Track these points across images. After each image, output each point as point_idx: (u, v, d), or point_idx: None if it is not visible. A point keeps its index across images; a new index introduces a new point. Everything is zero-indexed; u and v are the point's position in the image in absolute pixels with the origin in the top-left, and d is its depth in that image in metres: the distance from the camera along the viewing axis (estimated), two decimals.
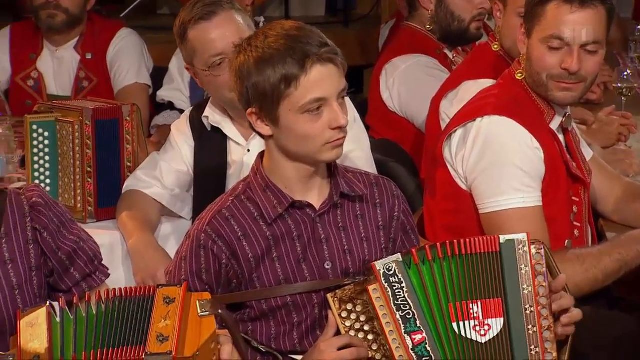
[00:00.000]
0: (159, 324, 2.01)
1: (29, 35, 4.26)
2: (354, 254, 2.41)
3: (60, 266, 2.19)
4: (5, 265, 2.13)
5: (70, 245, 2.19)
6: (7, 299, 2.12)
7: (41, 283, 2.17)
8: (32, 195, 2.18)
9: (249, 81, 2.31)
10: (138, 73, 4.22)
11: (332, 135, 2.32)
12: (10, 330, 2.10)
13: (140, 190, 3.01)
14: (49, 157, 3.02)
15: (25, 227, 2.16)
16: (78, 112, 3.00)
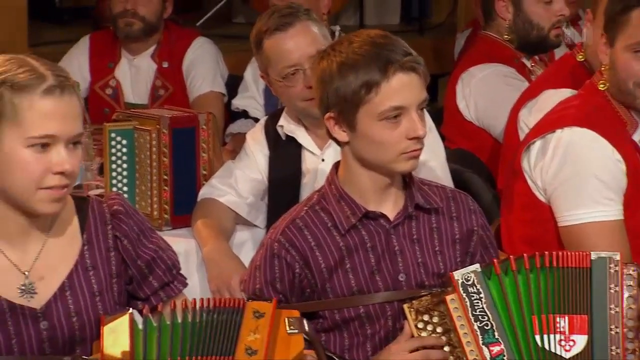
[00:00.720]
0: (248, 337, 2.02)
1: (107, 44, 4.32)
2: (427, 267, 2.39)
3: (139, 274, 2.20)
4: (87, 272, 2.15)
5: (150, 254, 2.20)
6: (88, 305, 2.13)
7: (121, 290, 2.19)
8: (113, 203, 2.20)
9: (331, 86, 2.32)
10: (213, 81, 4.25)
11: (408, 145, 2.31)
12: (91, 336, 2.11)
13: (215, 198, 3.02)
14: (127, 164, 3.05)
15: (107, 234, 2.18)
16: (155, 121, 3.03)
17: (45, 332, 2.09)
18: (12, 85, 2.00)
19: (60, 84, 2.03)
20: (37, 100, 2.01)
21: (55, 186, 2.04)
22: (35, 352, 2.09)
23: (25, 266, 2.11)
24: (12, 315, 2.07)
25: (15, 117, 2.00)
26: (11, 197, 2.05)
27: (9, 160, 2.02)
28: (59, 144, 2.03)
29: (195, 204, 3.05)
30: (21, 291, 2.10)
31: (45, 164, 2.03)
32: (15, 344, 2.07)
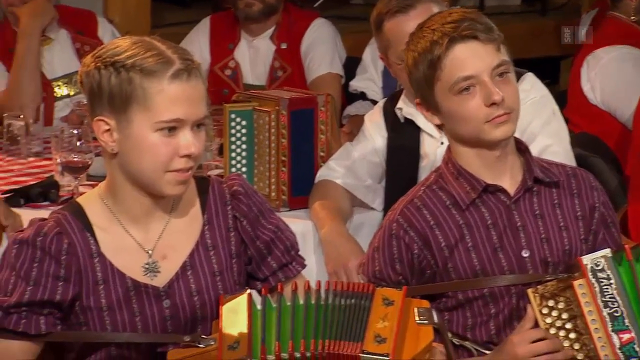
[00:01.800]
0: (377, 324, 1.98)
1: (227, 26, 4.35)
2: (551, 243, 2.33)
3: (258, 255, 2.20)
4: (208, 251, 2.16)
5: (268, 235, 2.20)
6: (209, 284, 2.14)
7: (240, 270, 2.20)
8: (233, 184, 2.21)
9: (411, 75, 2.34)
10: (331, 63, 4.24)
11: (489, 112, 2.28)
12: (211, 315, 2.12)
13: (332, 180, 3.01)
14: (246, 145, 3.06)
15: (227, 215, 2.18)
16: (274, 102, 3.03)
17: (167, 311, 2.12)
18: (141, 70, 2.01)
19: (186, 67, 2.03)
20: (166, 85, 2.02)
21: (182, 169, 2.06)
22: (158, 330, 2.11)
23: (149, 245, 2.13)
24: (136, 294, 2.10)
25: (144, 102, 2.02)
26: (139, 179, 2.08)
27: (138, 143, 2.04)
28: (185, 127, 2.05)
29: (312, 186, 3.04)
30: (145, 270, 2.12)
31: (172, 147, 2.04)
32: (139, 322, 2.10)
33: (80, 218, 2.10)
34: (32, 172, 3.41)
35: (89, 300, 2.08)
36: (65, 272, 2.06)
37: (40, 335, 2.07)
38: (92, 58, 2.06)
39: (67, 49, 4.14)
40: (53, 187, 3.13)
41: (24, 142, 3.50)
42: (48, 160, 3.48)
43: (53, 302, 2.06)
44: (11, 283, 2.06)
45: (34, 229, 2.07)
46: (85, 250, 2.08)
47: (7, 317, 2.05)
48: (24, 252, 2.06)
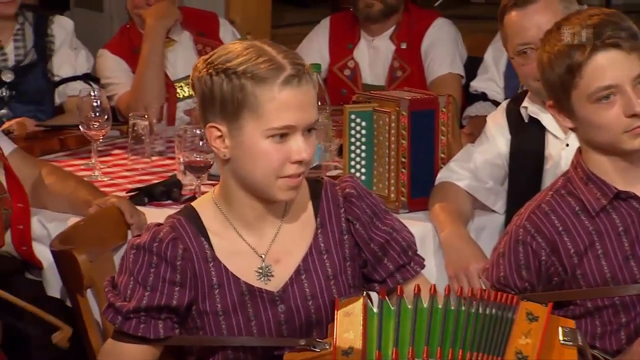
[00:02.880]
0: (520, 339, 1.91)
1: (347, 26, 4.34)
2: None
3: (373, 257, 2.18)
4: (321, 255, 2.15)
5: (383, 236, 2.18)
6: (323, 288, 2.14)
7: (355, 273, 2.18)
8: (345, 186, 2.19)
9: (543, 75, 2.29)
10: (452, 63, 4.19)
11: (629, 123, 2.21)
12: (326, 318, 2.12)
13: (453, 182, 2.97)
14: (365, 146, 3.05)
15: (340, 218, 2.17)
16: (395, 103, 3.00)
17: (282, 315, 2.12)
18: (252, 77, 2.01)
19: (297, 72, 2.03)
20: (277, 91, 2.01)
21: (293, 174, 2.06)
22: (273, 334, 2.11)
23: (262, 249, 2.14)
24: (251, 298, 2.11)
25: (256, 109, 2.02)
26: (251, 185, 2.08)
27: (249, 150, 2.04)
28: (296, 133, 2.04)
29: (432, 187, 3.01)
30: (258, 274, 2.13)
31: (284, 153, 2.04)
32: (254, 326, 2.11)
33: (195, 223, 2.11)
34: (155, 171, 3.46)
35: (205, 305, 2.10)
36: (181, 277, 2.08)
37: (158, 340, 2.10)
38: (204, 64, 2.06)
39: (189, 51, 4.20)
40: (176, 186, 3.17)
41: (148, 141, 3.55)
42: (170, 160, 3.53)
43: (170, 307, 2.08)
44: (129, 288, 2.09)
45: (150, 234, 2.09)
46: (200, 255, 2.10)
47: (127, 321, 2.08)
48: (141, 257, 2.08)
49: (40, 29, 4.00)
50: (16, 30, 3.97)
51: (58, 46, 4.02)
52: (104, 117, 3.38)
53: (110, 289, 2.12)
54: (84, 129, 3.38)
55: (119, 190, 3.21)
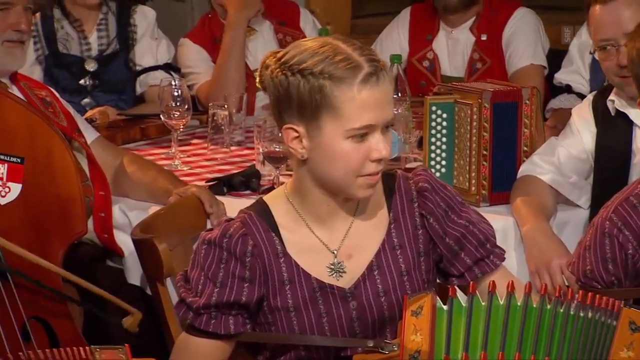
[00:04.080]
0: (621, 352, 1.72)
1: (426, 17, 4.30)
2: None
3: (448, 252, 2.14)
4: (394, 250, 2.12)
5: (459, 230, 2.14)
6: (396, 284, 2.11)
7: (429, 268, 2.15)
8: (419, 180, 2.15)
9: (634, 71, 2.27)
10: (534, 54, 4.13)
11: None
12: (399, 315, 2.07)
13: (536, 176, 2.92)
14: (446, 138, 3.01)
15: (413, 212, 2.14)
16: (477, 95, 2.96)
17: (354, 312, 2.09)
18: (330, 77, 1.98)
19: (375, 70, 1.99)
20: (356, 91, 1.98)
21: (373, 172, 2.03)
22: (345, 331, 2.09)
23: (334, 245, 2.11)
24: (322, 294, 2.08)
25: (335, 110, 1.99)
26: (329, 184, 2.06)
27: (328, 151, 2.01)
28: (375, 131, 2.02)
29: (514, 181, 2.96)
30: (330, 270, 2.10)
31: (364, 152, 2.02)
32: (326, 323, 2.08)
33: (265, 218, 2.10)
34: (234, 160, 3.47)
35: (276, 301, 2.08)
36: (250, 274, 2.07)
37: (229, 336, 2.09)
38: (278, 64, 2.03)
39: (270, 40, 4.20)
40: (254, 176, 3.17)
41: (227, 131, 3.56)
42: (249, 150, 3.54)
43: (240, 303, 2.07)
44: (200, 283, 2.08)
45: (221, 229, 2.08)
46: (270, 250, 2.08)
47: (198, 317, 2.08)
48: (212, 252, 2.08)
49: (123, 19, 4.03)
50: (100, 20, 4.01)
51: (140, 36, 4.05)
52: (184, 106, 3.39)
53: (182, 283, 2.12)
54: (164, 118, 3.40)
55: (198, 180, 3.23)
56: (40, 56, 3.93)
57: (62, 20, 3.98)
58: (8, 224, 2.55)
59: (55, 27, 3.96)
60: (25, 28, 2.97)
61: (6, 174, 2.59)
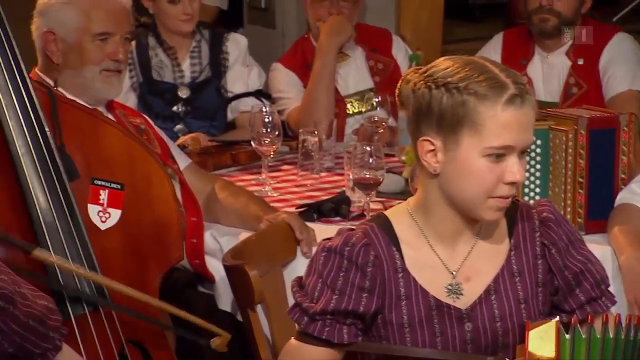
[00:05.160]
0: None
1: (520, 41, 4.24)
2: None
3: (565, 285, 2.12)
4: (513, 277, 2.10)
5: (578, 266, 2.11)
6: (513, 311, 2.09)
7: (545, 300, 2.12)
8: (542, 210, 2.14)
9: None
10: (633, 80, 4.03)
11: None
12: (514, 343, 2.06)
13: (634, 204, 2.86)
14: (541, 165, 2.96)
15: (535, 241, 2.12)
16: (573, 121, 2.91)
17: (469, 334, 2.07)
18: (475, 93, 1.97)
19: (520, 92, 1.99)
20: (499, 110, 1.98)
21: (504, 195, 2.02)
22: (457, 351, 2.07)
23: (454, 266, 2.10)
24: (438, 314, 2.07)
25: (475, 126, 1.98)
26: (457, 202, 2.05)
27: (463, 167, 2.01)
28: (513, 154, 2.00)
29: (611, 209, 2.90)
30: (448, 291, 2.09)
31: (498, 173, 2.00)
32: (439, 342, 2.07)
33: (387, 232, 2.09)
34: (324, 187, 3.46)
35: (391, 315, 2.07)
36: (370, 284, 2.05)
37: (342, 345, 2.07)
38: (420, 76, 2.04)
39: (361, 66, 4.19)
40: (344, 202, 3.16)
41: (317, 157, 3.56)
42: (339, 176, 3.53)
43: (356, 313, 2.06)
44: (317, 290, 2.07)
45: (343, 238, 2.08)
46: (390, 264, 2.07)
47: (312, 323, 2.07)
48: (331, 260, 2.07)
49: (215, 46, 4.07)
50: (192, 47, 4.06)
51: (232, 63, 4.09)
52: (274, 132, 3.40)
53: (297, 289, 2.11)
54: (255, 145, 3.41)
55: (288, 206, 3.23)
56: (135, 83, 3.98)
57: (157, 48, 4.03)
58: (108, 248, 2.58)
59: (149, 55, 4.01)
60: (123, 58, 3.02)
61: (107, 200, 2.62)
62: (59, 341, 1.81)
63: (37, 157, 2.46)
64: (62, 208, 2.47)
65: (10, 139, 2.45)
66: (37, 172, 2.46)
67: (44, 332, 1.78)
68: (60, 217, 2.47)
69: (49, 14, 3.00)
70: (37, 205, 2.45)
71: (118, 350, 2.51)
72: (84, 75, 2.98)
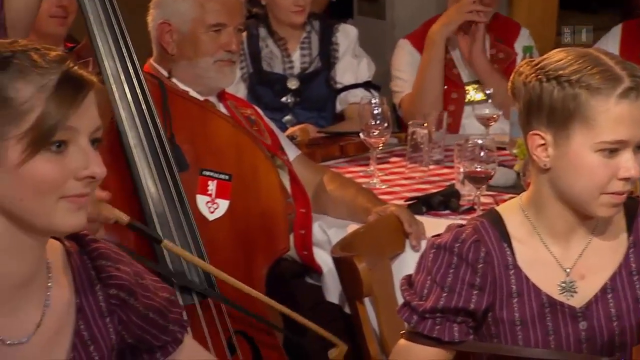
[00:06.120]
0: None
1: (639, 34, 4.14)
2: None
3: None
4: (631, 276, 2.04)
5: None
6: (630, 310, 2.03)
7: None
8: None
9: None
10: None
11: None
12: (631, 342, 2.02)
13: None
14: None
15: None
16: None
17: (583, 333, 2.03)
18: (587, 87, 1.92)
19: (636, 86, 1.92)
20: (613, 104, 1.92)
21: (619, 192, 1.96)
22: (572, 350, 2.03)
23: (568, 263, 2.05)
24: (551, 311, 2.03)
25: (587, 120, 1.93)
26: (569, 197, 2.00)
27: (574, 162, 1.96)
28: (627, 149, 1.94)
29: None
30: (561, 288, 2.04)
31: (611, 169, 1.95)
32: (552, 341, 2.03)
33: (498, 228, 2.05)
34: (432, 180, 3.43)
35: (502, 313, 2.03)
36: (481, 281, 2.02)
37: (452, 343, 2.05)
38: (532, 69, 1.99)
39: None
40: (454, 196, 3.12)
41: (426, 149, 3.52)
42: (448, 169, 3.49)
43: (467, 311, 2.03)
44: (427, 287, 2.05)
45: (452, 234, 2.05)
46: (501, 261, 2.03)
47: (422, 321, 2.05)
48: (441, 257, 2.04)
49: (325, 37, 4.07)
50: (303, 38, 4.06)
51: (341, 54, 4.07)
52: (384, 124, 3.38)
53: (406, 287, 2.09)
54: (363, 136, 3.40)
55: (396, 199, 3.20)
56: (245, 74, 4.01)
57: (267, 39, 4.05)
58: (216, 239, 2.60)
59: (260, 46, 4.03)
60: (236, 48, 3.06)
61: (215, 191, 2.64)
62: (180, 334, 1.83)
63: (148, 148, 2.49)
64: (172, 198, 2.50)
65: (122, 130, 2.48)
66: (148, 163, 2.49)
67: (164, 324, 1.79)
68: (171, 207, 2.50)
69: (165, 5, 3.04)
70: (148, 195, 2.48)
71: (226, 339, 2.53)
72: (198, 65, 3.02)
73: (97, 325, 1.71)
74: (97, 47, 2.48)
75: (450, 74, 4.07)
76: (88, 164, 1.58)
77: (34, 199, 1.56)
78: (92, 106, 1.60)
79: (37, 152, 1.55)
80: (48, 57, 1.58)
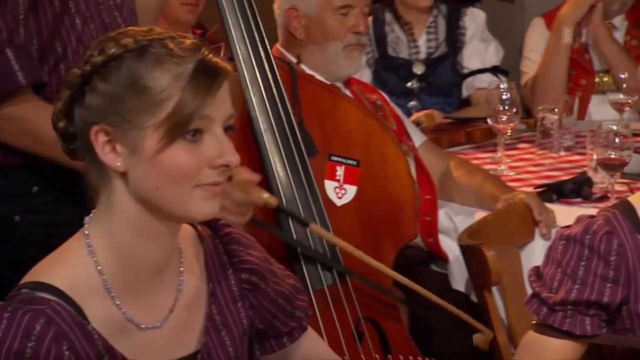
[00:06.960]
0: None
1: None
2: None
3: None
4: None
5: None
6: None
7: None
8: None
9: None
10: None
11: None
12: None
13: None
14: None
15: None
16: None
17: None
18: None
19: None
20: None
21: None
22: None
23: None
24: None
25: None
26: None
27: None
28: None
29: None
30: None
31: None
32: None
33: (631, 219, 1.99)
34: (563, 167, 3.35)
35: (637, 306, 1.97)
36: (614, 274, 1.96)
37: (584, 336, 1.99)
38: None
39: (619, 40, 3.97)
40: (586, 183, 3.04)
41: (557, 135, 3.45)
42: (579, 155, 3.41)
43: (600, 304, 1.97)
44: (557, 279, 2.00)
45: (583, 225, 1.99)
46: (635, 253, 1.97)
47: (552, 314, 2.00)
48: (571, 249, 1.99)
49: (452, 21, 4.01)
50: (429, 22, 4.02)
51: (469, 38, 4.01)
52: (512, 110, 3.31)
53: (534, 278, 2.05)
54: (491, 122, 3.34)
55: (525, 186, 3.14)
56: (370, 59, 3.99)
57: (393, 23, 4.02)
58: (344, 224, 2.60)
59: (386, 31, 4.00)
60: (364, 30, 3.05)
61: (343, 176, 2.63)
62: (305, 321, 1.83)
63: (278, 133, 2.50)
64: (301, 182, 2.50)
65: (253, 115, 2.49)
66: (278, 148, 2.49)
67: (292, 311, 1.80)
68: (300, 191, 2.50)
69: None
70: (277, 179, 2.49)
71: (355, 325, 2.53)
72: (328, 50, 3.02)
73: (229, 310, 1.72)
74: (229, 31, 2.49)
75: (582, 59, 3.96)
76: (223, 152, 1.58)
77: (170, 187, 1.57)
78: (226, 94, 1.60)
79: (173, 141, 1.55)
80: (184, 46, 1.58)
